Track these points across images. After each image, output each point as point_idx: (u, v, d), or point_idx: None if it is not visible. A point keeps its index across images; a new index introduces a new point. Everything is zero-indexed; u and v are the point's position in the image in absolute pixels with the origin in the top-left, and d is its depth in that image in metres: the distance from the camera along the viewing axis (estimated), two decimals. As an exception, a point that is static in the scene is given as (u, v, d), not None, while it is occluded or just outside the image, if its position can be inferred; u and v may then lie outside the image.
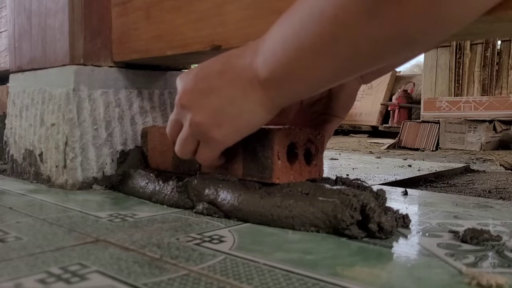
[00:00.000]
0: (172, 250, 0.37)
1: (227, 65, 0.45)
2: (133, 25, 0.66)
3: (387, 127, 3.83)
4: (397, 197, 0.64)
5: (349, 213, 0.41)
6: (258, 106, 0.44)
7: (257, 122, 0.45)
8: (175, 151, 0.51)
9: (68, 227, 0.45)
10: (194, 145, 0.49)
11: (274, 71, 0.41)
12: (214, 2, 0.55)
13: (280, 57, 0.40)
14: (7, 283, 0.30)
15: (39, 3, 0.72)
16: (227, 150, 0.50)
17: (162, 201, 0.55)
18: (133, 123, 0.71)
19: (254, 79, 0.42)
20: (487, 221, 0.49)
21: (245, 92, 0.43)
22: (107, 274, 0.32)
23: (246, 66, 0.43)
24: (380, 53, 0.36)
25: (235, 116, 0.45)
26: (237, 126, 0.45)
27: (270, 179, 0.49)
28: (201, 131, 0.46)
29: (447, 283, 0.31)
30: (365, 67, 0.39)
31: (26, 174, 0.74)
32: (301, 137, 0.51)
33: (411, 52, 0.36)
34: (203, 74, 0.46)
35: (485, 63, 3.23)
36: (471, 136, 2.50)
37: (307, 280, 0.31)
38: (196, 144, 0.49)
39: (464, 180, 1.13)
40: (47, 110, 0.69)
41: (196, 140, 0.49)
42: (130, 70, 0.71)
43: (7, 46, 0.86)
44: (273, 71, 0.41)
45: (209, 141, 0.47)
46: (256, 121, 0.45)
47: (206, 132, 0.46)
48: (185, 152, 0.50)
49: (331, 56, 0.37)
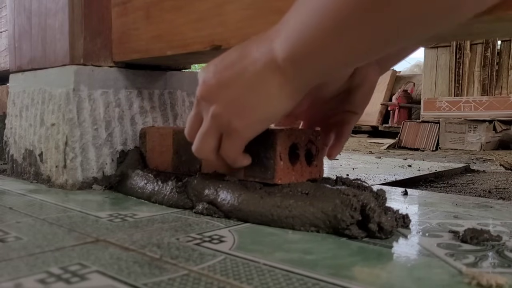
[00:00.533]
0: (172, 250, 0.37)
1: (245, 53, 0.43)
2: (133, 25, 0.66)
3: (387, 127, 3.83)
4: (397, 197, 0.64)
5: (349, 213, 0.41)
6: (278, 91, 0.42)
7: (278, 109, 0.44)
8: (194, 151, 0.49)
9: (68, 227, 0.45)
10: (215, 140, 0.47)
11: (293, 50, 0.39)
12: (214, 2, 0.55)
13: (299, 34, 0.38)
14: (7, 283, 0.30)
15: (39, 3, 0.72)
16: None
17: (162, 201, 0.55)
18: (133, 123, 0.71)
19: (272, 62, 0.41)
20: (487, 221, 0.49)
21: (264, 78, 0.42)
22: (107, 274, 0.32)
23: (264, 51, 0.42)
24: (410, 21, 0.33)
25: (255, 104, 0.43)
26: (258, 114, 0.44)
27: (272, 179, 0.49)
28: (222, 122, 0.45)
29: (447, 283, 0.31)
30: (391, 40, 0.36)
31: (26, 174, 0.74)
32: (303, 138, 0.51)
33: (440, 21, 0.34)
34: (222, 65, 0.45)
35: (485, 63, 3.24)
36: (471, 136, 2.50)
37: (307, 280, 0.31)
38: (217, 139, 0.47)
39: (464, 180, 1.13)
40: (47, 110, 0.69)
41: (218, 134, 0.47)
42: (130, 70, 0.71)
43: (7, 46, 0.86)
44: (292, 50, 0.39)
45: (231, 133, 0.45)
46: (277, 108, 0.43)
47: (228, 123, 0.44)
48: (205, 149, 0.48)
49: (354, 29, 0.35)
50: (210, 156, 0.48)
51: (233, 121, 0.44)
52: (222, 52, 0.47)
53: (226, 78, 0.44)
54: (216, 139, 0.47)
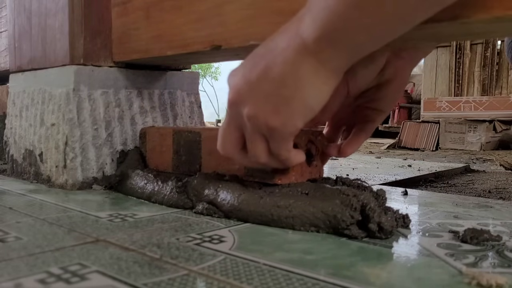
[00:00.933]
0: (172, 250, 0.37)
1: (271, 46, 0.40)
2: (133, 25, 0.66)
3: (387, 127, 3.83)
4: (397, 197, 0.64)
5: (349, 213, 0.41)
6: (313, 76, 0.39)
7: (316, 97, 0.40)
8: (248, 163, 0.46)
9: (68, 227, 0.45)
10: (263, 143, 0.43)
11: (324, 28, 0.36)
12: (214, 2, 0.55)
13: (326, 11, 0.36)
14: (7, 283, 0.30)
15: (39, 3, 0.72)
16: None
17: (161, 202, 0.55)
18: (133, 123, 0.71)
19: (301, 46, 0.38)
20: (487, 221, 0.49)
21: (295, 66, 0.39)
22: (107, 274, 0.32)
23: (291, 37, 0.39)
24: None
25: (289, 96, 0.40)
26: (295, 108, 0.40)
27: (272, 179, 0.49)
28: (259, 124, 0.41)
29: (447, 283, 0.31)
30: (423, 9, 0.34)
31: (26, 174, 0.74)
32: (303, 138, 0.51)
33: None
34: (250, 64, 0.42)
35: (485, 63, 3.24)
36: (471, 136, 2.50)
37: (307, 280, 0.31)
38: (265, 141, 0.43)
39: (464, 180, 1.13)
40: (47, 110, 0.69)
41: (262, 136, 0.43)
42: (130, 70, 0.71)
43: (7, 46, 0.86)
44: (322, 28, 0.36)
45: (272, 133, 0.42)
46: (314, 97, 0.40)
47: (265, 123, 0.41)
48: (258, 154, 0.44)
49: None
50: (266, 160, 0.45)
51: (269, 120, 0.41)
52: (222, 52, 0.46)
53: (255, 76, 0.40)
54: (264, 141, 0.43)
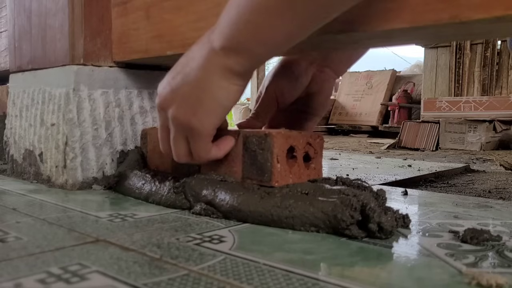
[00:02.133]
0: (172, 250, 0.37)
1: (190, 55, 0.47)
2: (133, 25, 0.66)
3: (387, 127, 3.83)
4: (397, 197, 0.64)
5: (349, 213, 0.41)
6: (221, 79, 0.44)
7: (226, 97, 0.46)
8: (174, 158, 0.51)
9: (68, 227, 0.45)
10: (185, 143, 0.49)
11: (228, 40, 0.42)
12: (214, 2, 0.55)
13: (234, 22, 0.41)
14: (7, 283, 0.30)
15: (39, 3, 0.72)
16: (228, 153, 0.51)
17: (159, 202, 0.55)
18: (133, 123, 0.71)
19: (211, 52, 0.44)
20: (487, 221, 0.49)
21: (207, 70, 0.44)
22: (107, 274, 0.32)
23: (203, 46, 0.45)
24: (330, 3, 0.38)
25: (204, 98, 0.45)
26: (209, 108, 0.46)
27: (270, 182, 0.49)
28: (182, 124, 0.47)
29: (447, 283, 0.31)
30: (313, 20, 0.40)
31: (26, 174, 0.74)
32: (300, 141, 0.51)
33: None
34: (173, 72, 0.48)
35: (485, 63, 3.24)
36: (471, 136, 2.50)
37: (307, 280, 0.31)
38: (186, 141, 0.49)
39: (464, 180, 1.13)
40: (47, 110, 0.69)
41: (184, 136, 0.48)
42: (130, 70, 0.71)
43: (7, 46, 0.86)
44: (227, 40, 0.42)
45: (192, 132, 0.47)
46: (224, 97, 0.46)
47: (186, 124, 0.46)
48: (179, 154, 0.50)
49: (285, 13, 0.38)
50: (188, 159, 0.50)
51: (189, 121, 0.46)
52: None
53: (176, 82, 0.47)
54: (185, 141, 0.49)
